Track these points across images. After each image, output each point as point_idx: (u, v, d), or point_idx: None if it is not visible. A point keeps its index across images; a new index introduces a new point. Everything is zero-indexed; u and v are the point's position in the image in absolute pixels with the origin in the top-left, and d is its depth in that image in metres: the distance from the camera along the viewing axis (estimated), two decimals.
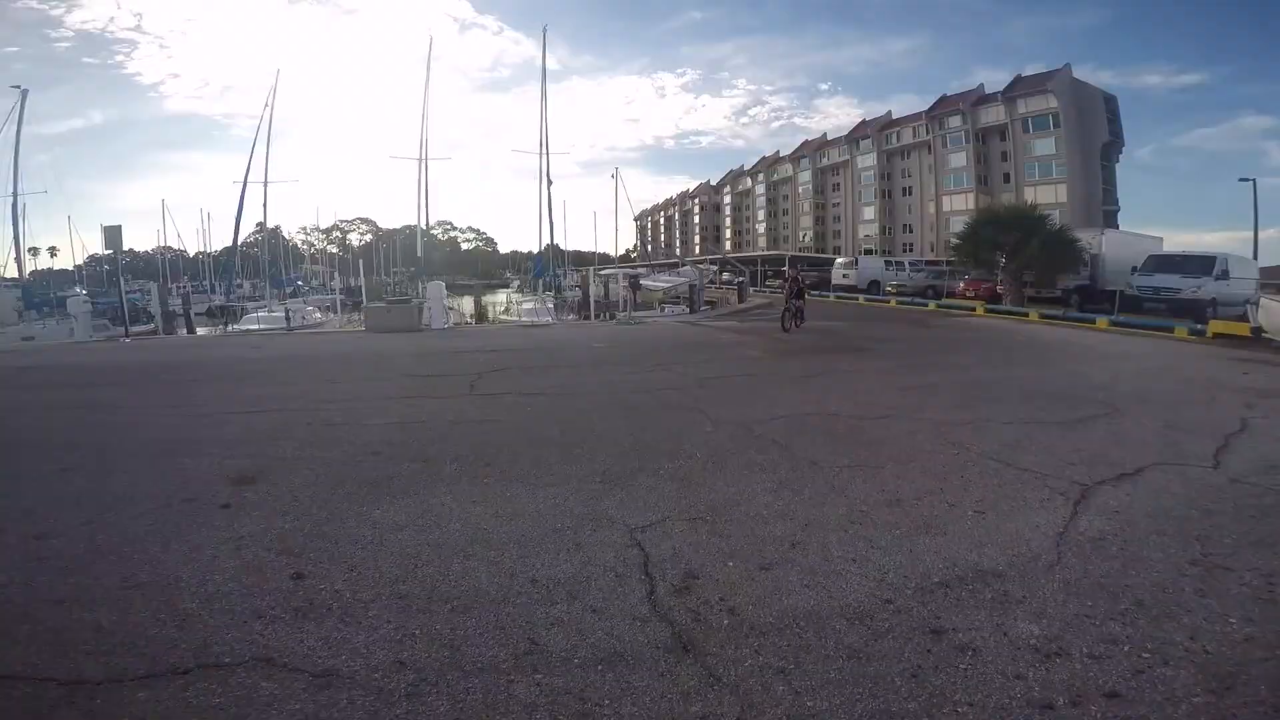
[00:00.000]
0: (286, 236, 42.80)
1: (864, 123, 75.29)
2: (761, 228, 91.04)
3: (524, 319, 21.60)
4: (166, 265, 52.52)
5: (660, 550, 2.70)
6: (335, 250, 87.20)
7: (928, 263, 36.65)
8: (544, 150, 28.63)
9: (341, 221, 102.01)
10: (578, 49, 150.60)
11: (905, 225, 67.39)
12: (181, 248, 63.67)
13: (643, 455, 4.11)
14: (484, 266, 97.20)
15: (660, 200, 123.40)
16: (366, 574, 2.51)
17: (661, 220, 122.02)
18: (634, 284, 23.88)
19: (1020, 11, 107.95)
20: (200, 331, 21.66)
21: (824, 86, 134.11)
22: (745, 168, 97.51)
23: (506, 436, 4.74)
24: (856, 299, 29.94)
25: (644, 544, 2.76)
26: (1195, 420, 5.24)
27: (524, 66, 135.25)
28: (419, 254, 31.12)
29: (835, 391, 6.59)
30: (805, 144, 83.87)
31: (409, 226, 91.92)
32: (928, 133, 63.72)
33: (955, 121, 60.96)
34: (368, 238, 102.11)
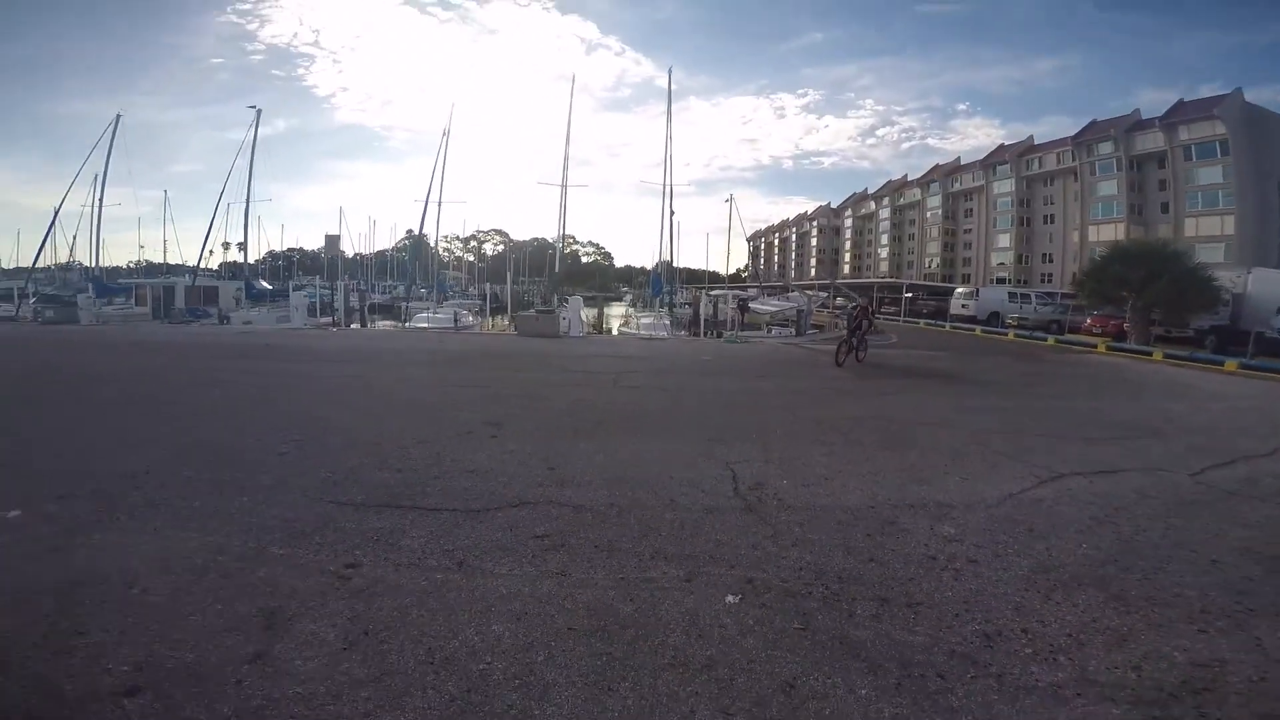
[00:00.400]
0: (431, 244, 49.27)
1: (1002, 147, 71.74)
2: (884, 253, 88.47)
3: (642, 332, 24.01)
4: (338, 265, 61.05)
5: (743, 472, 4.58)
6: (471, 259, 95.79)
7: (1062, 295, 35.01)
8: (668, 187, 31.08)
9: (479, 231, 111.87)
10: (694, 70, 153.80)
11: (1045, 255, 63.52)
12: (346, 249, 73.43)
13: (740, 430, 6.01)
14: (601, 280, 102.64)
15: (776, 221, 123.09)
16: (586, 469, 4.60)
17: (776, 241, 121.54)
18: (743, 305, 25.59)
19: (1187, 27, 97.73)
20: (379, 325, 26.16)
21: (961, 107, 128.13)
22: (869, 191, 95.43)
23: (646, 412, 6.87)
24: (973, 330, 29.59)
25: (734, 469, 4.65)
26: (1222, 445, 6.13)
27: (644, 86, 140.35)
28: (555, 269, 34.79)
29: (903, 405, 8.07)
30: (936, 168, 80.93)
31: (537, 239, 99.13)
32: (1074, 159, 59.91)
33: (1106, 148, 57.03)
34: (500, 248, 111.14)
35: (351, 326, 24.00)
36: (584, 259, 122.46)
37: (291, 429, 5.58)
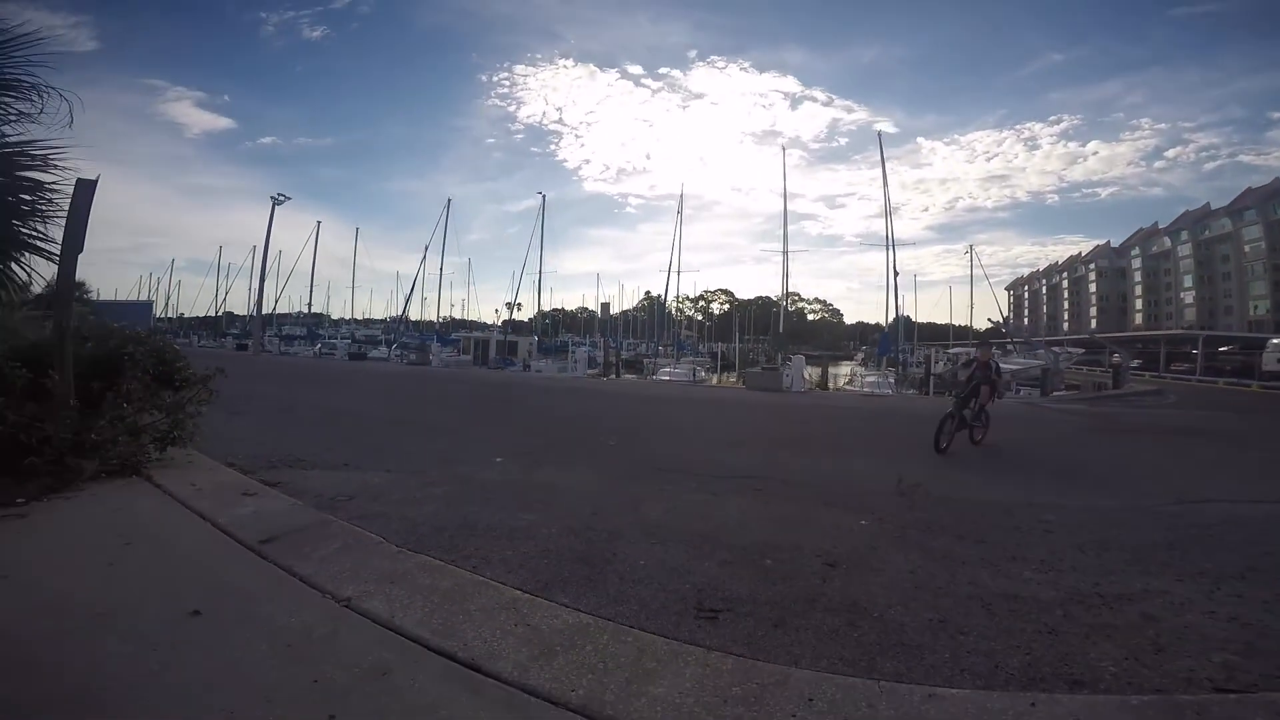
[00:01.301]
0: (666, 305, 56.13)
1: None
2: (1189, 297, 72.80)
3: (865, 389, 24.84)
4: (609, 325, 71.06)
5: (905, 472, 6.41)
6: (700, 318, 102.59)
7: None
8: (890, 240, 31.64)
9: (707, 291, 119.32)
10: (916, 110, 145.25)
11: None
12: (593, 306, 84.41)
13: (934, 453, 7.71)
14: (829, 337, 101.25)
15: (1043, 266, 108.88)
16: (790, 465, 6.87)
17: (1043, 289, 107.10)
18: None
19: None
20: (626, 377, 31.15)
21: (1276, 115, 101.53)
22: (1159, 225, 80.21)
23: (859, 437, 8.94)
24: None
25: (900, 473, 6.49)
26: None
27: (860, 133, 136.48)
28: (780, 329, 37.16)
29: (1100, 453, 8.72)
30: (1248, 192, 65.47)
31: (761, 297, 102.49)
32: None
33: None
34: (725, 307, 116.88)
35: (610, 376, 29.23)
36: (810, 316, 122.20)
37: (611, 435, 8.80)
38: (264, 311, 37.40)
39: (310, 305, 55.10)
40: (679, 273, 38.59)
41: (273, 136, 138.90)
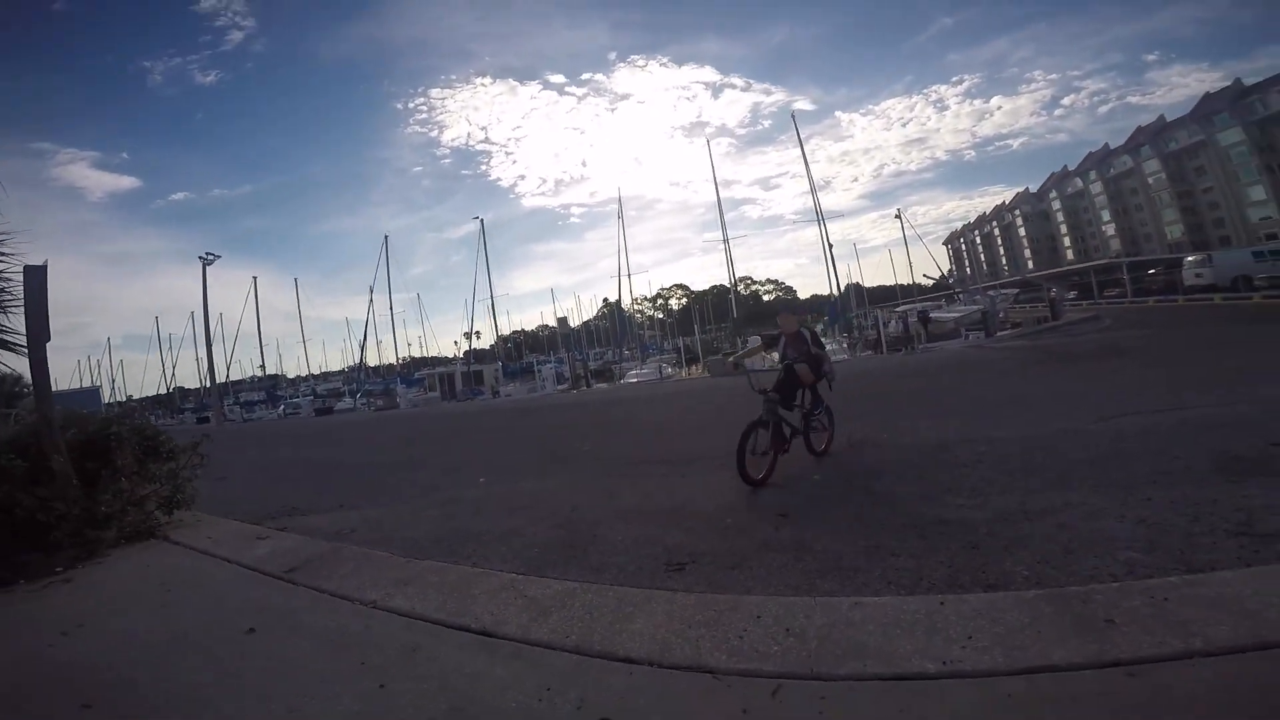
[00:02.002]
0: (624, 309, 56.95)
1: (1208, 97, 61.63)
2: (1110, 229, 77.44)
3: None
4: (568, 340, 71.19)
5: (857, 425, 7.06)
6: (660, 316, 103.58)
7: None
8: (819, 213, 32.81)
9: (663, 289, 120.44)
10: (829, 85, 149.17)
11: None
12: (552, 323, 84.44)
13: (886, 405, 8.37)
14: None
15: (973, 218, 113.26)
16: None
17: (978, 239, 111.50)
18: (923, 318, 26.08)
19: None
20: (596, 386, 31.63)
21: (1151, 58, 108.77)
22: (1069, 168, 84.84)
23: None
24: (1211, 299, 26.27)
25: (853, 426, 7.13)
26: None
27: (781, 114, 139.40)
28: (734, 315, 38.14)
29: (1037, 384, 9.60)
30: (1139, 130, 70.80)
31: (716, 286, 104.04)
32: None
33: None
34: (684, 301, 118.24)
35: (581, 388, 29.65)
36: (765, 297, 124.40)
37: (585, 441, 9.27)
38: (217, 381, 36.56)
39: (264, 367, 53.98)
40: (630, 275, 39.29)
41: (184, 191, 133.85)
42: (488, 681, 2.22)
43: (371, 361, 52.82)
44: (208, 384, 36.83)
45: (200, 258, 33.08)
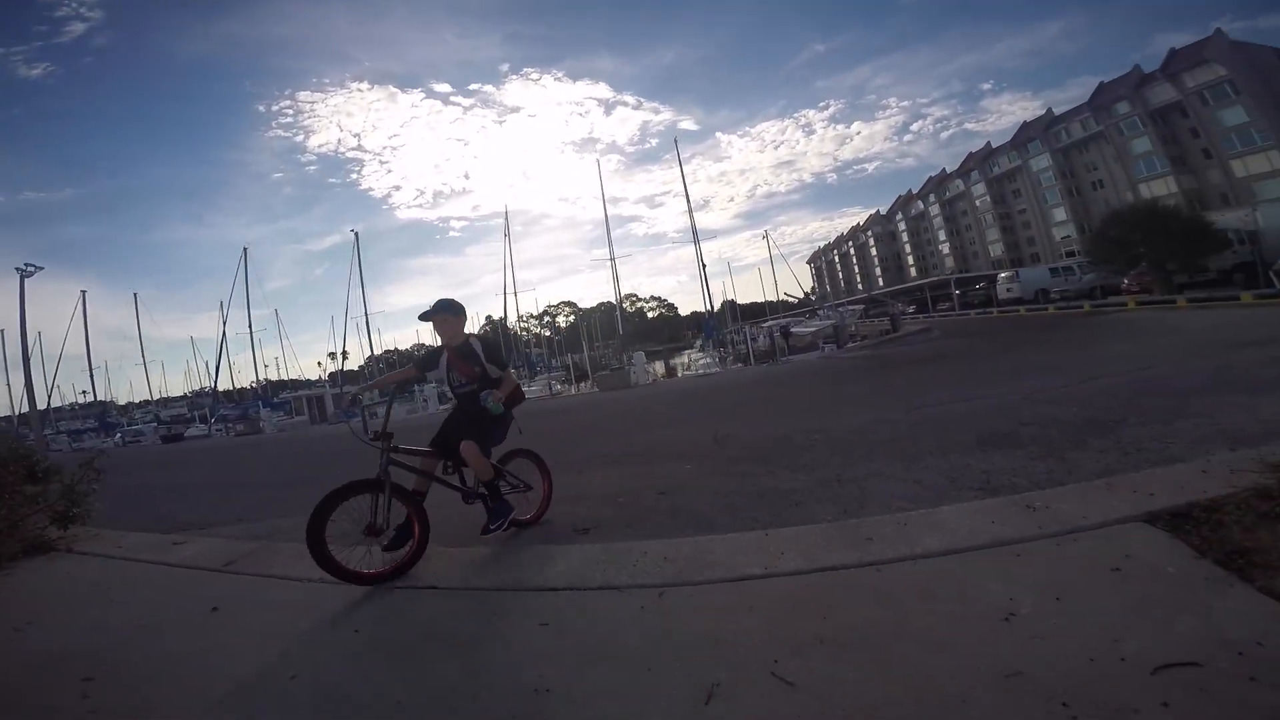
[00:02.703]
0: (510, 326, 56.78)
1: (1025, 125, 72.65)
2: (945, 248, 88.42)
3: (699, 371, 27.80)
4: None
5: (724, 425, 8.23)
6: (547, 333, 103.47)
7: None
8: (694, 233, 35.27)
9: (550, 306, 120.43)
10: (712, 106, 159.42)
11: None
12: (428, 341, 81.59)
13: (747, 409, 9.64)
14: (669, 330, 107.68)
15: (833, 238, 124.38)
16: (645, 437, 8.42)
17: (837, 257, 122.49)
18: (784, 332, 28.88)
19: None
20: None
21: (985, 86, 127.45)
22: (913, 191, 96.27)
23: (691, 410, 10.63)
24: (1019, 310, 31.28)
25: (720, 426, 8.31)
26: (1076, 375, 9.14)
27: (668, 133, 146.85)
28: (619, 331, 39.47)
29: (870, 385, 11.42)
30: (970, 156, 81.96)
31: (603, 304, 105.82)
32: (1097, 123, 60.18)
33: (1123, 109, 57.57)
34: (571, 319, 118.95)
35: None
36: (649, 314, 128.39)
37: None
38: (38, 408, 31.78)
39: (94, 392, 47.50)
40: (516, 293, 39.40)
41: None
42: (443, 610, 2.89)
43: (223, 385, 48.29)
44: (26, 409, 31.83)
45: (18, 269, 28.68)
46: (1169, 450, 4.06)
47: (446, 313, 4.11)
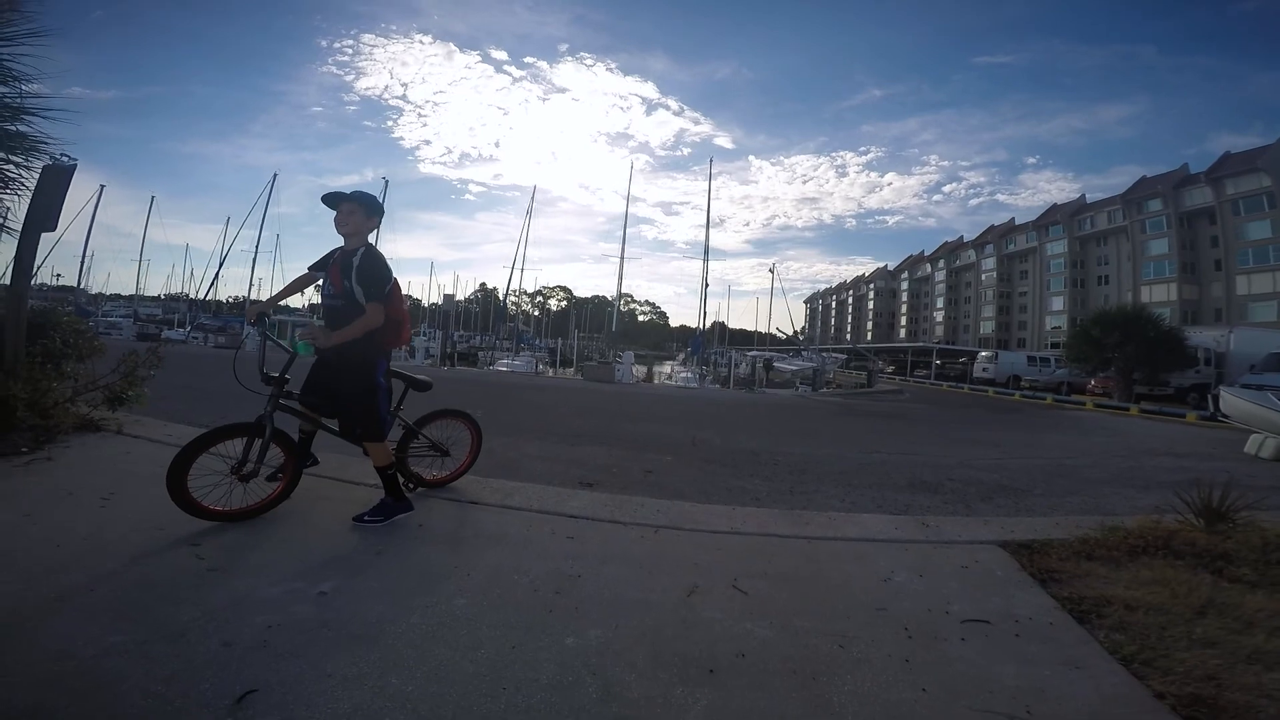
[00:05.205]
0: (501, 299, 57.61)
1: (1055, 207, 72.91)
2: (940, 316, 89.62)
3: (678, 383, 28.96)
4: (424, 313, 68.99)
5: (700, 432, 9.26)
6: (537, 313, 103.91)
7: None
8: (707, 256, 36.44)
9: (545, 288, 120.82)
10: (752, 128, 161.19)
11: None
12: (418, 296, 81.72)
13: (722, 424, 10.68)
14: (655, 338, 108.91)
15: (836, 283, 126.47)
16: (624, 427, 9.41)
17: (834, 303, 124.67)
18: (767, 365, 30.19)
19: (1262, 67, 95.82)
20: (459, 369, 32.12)
21: (1030, 160, 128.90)
22: (925, 253, 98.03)
23: (672, 414, 11.65)
24: (986, 391, 32.78)
25: (697, 432, 9.33)
26: (1023, 443, 10.35)
27: (702, 145, 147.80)
28: (613, 328, 40.40)
29: (833, 427, 12.55)
30: (990, 229, 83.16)
31: (597, 296, 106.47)
32: (1124, 217, 60.62)
33: (1155, 205, 57.86)
34: (564, 304, 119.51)
35: (446, 367, 30.04)
36: (640, 318, 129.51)
37: (476, 411, 10.64)
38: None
39: (79, 279, 47.04)
40: (523, 269, 40.11)
41: (37, 84, 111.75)
42: (493, 519, 3.86)
43: (205, 295, 48.27)
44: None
45: (54, 158, 28.54)
46: (1050, 515, 5.18)
47: (355, 203, 3.44)
